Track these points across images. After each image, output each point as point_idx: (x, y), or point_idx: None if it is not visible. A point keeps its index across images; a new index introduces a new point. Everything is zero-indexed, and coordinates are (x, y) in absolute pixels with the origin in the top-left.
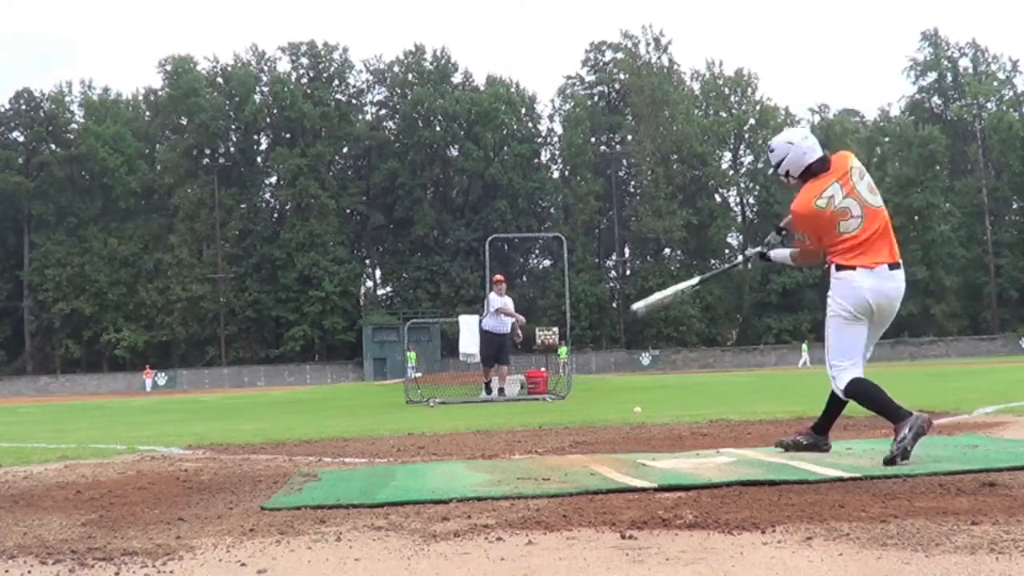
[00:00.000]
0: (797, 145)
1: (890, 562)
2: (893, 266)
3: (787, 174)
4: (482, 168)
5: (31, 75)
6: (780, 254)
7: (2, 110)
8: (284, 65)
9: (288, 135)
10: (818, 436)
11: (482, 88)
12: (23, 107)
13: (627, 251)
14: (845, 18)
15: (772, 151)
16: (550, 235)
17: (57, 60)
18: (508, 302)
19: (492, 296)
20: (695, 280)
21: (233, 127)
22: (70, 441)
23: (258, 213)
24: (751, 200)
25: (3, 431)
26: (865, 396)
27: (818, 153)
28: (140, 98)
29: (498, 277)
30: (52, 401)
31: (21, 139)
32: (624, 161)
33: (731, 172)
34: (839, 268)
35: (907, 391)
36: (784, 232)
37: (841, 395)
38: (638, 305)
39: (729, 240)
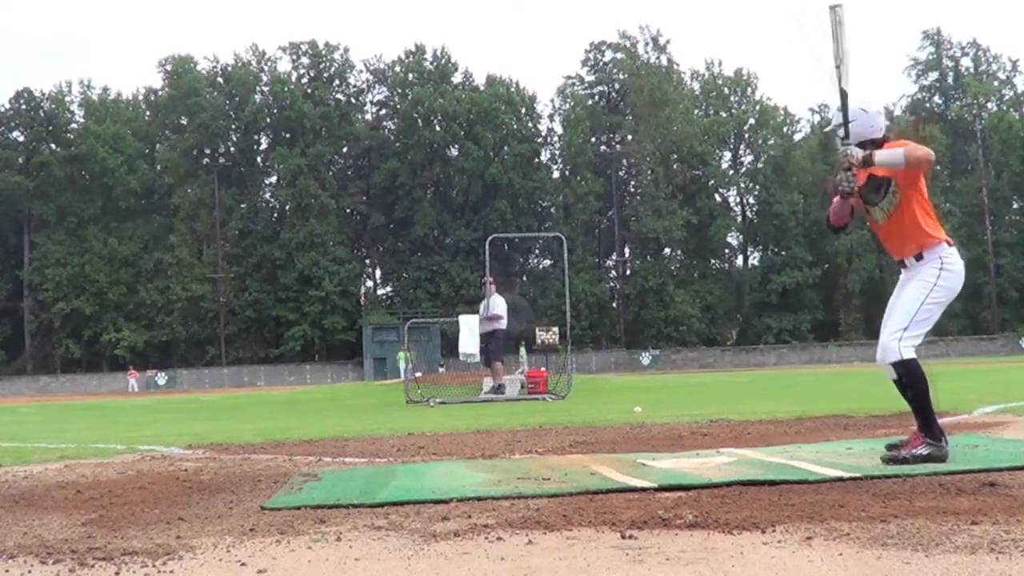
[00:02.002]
0: (870, 116)
1: (890, 562)
2: None
3: (842, 137)
4: (482, 168)
5: (31, 75)
6: (889, 156)
7: (2, 110)
8: (284, 65)
9: (288, 135)
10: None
11: (482, 88)
12: (23, 107)
13: (627, 251)
14: (845, 17)
15: (877, 113)
16: (550, 235)
17: (57, 60)
18: (495, 302)
19: (493, 299)
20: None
21: (233, 127)
22: (70, 441)
23: (258, 213)
24: (751, 200)
25: (3, 431)
26: (915, 382)
27: (882, 133)
28: (140, 98)
29: (488, 279)
30: (52, 401)
31: (21, 139)
32: (624, 161)
33: (731, 172)
34: (950, 244)
35: None
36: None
37: (893, 359)
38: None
39: (729, 240)
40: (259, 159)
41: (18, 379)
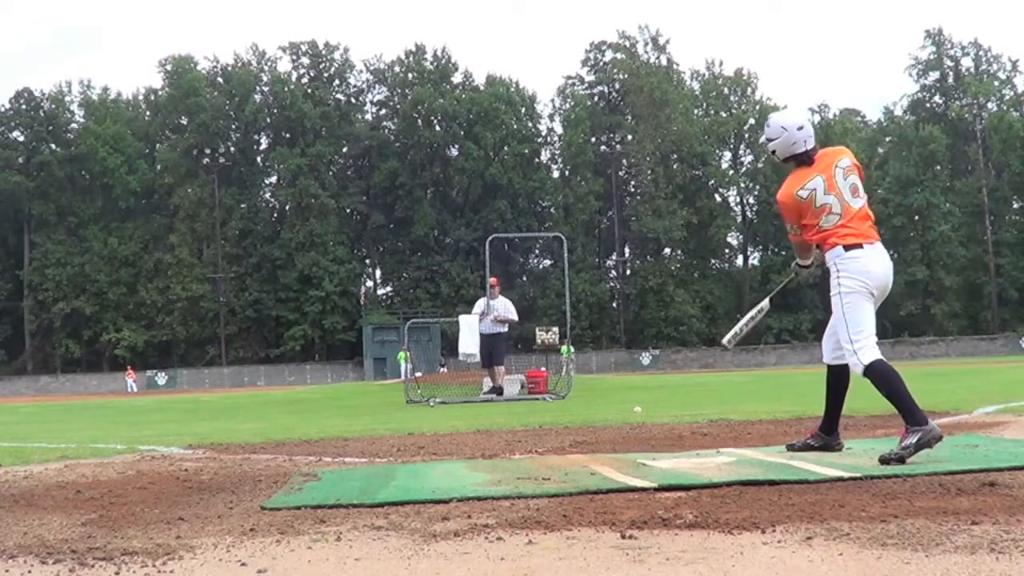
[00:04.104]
0: (790, 133)
1: (890, 562)
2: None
3: (774, 152)
4: (482, 168)
5: (31, 75)
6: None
7: (2, 110)
8: (284, 65)
9: (288, 135)
10: (828, 436)
11: (482, 88)
12: (23, 107)
13: (627, 251)
14: (847, 16)
15: (768, 126)
16: (550, 235)
17: (57, 60)
18: (504, 304)
19: (485, 301)
20: (766, 301)
21: (233, 127)
22: (70, 441)
23: (258, 213)
24: (751, 200)
25: (3, 431)
26: (885, 380)
27: (807, 146)
28: (140, 98)
29: (492, 280)
30: (52, 401)
31: (21, 139)
32: (624, 161)
33: (731, 172)
34: (847, 248)
35: None
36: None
37: (860, 372)
38: (727, 338)
39: (729, 240)
40: (259, 159)
41: (18, 379)
